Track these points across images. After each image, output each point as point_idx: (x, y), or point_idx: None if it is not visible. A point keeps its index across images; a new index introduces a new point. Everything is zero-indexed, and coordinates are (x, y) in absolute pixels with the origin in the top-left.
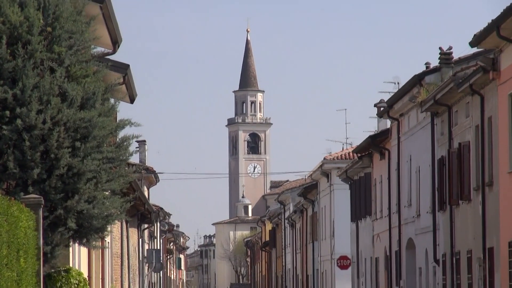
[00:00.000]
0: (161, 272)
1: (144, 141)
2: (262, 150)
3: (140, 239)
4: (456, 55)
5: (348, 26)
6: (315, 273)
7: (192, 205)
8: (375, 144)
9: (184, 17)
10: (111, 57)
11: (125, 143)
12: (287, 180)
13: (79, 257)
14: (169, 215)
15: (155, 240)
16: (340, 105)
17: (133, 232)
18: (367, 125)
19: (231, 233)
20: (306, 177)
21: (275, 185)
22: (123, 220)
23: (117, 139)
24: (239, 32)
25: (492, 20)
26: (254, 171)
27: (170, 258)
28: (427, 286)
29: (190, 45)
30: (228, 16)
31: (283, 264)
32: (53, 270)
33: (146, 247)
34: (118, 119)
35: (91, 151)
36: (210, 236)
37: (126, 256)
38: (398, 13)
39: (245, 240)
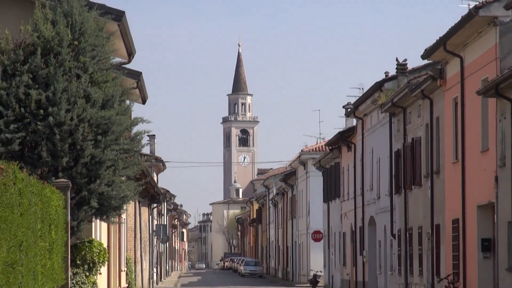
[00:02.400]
0: (167, 243)
1: (154, 135)
2: (250, 143)
3: (150, 216)
4: (410, 66)
5: (322, 40)
6: (293, 245)
7: (193, 188)
8: (343, 139)
9: (186, 34)
10: (127, 66)
11: (138, 137)
12: (271, 168)
13: (100, 230)
14: (174, 196)
15: (163, 217)
16: (315, 107)
17: (145, 210)
18: (337, 123)
19: (225, 211)
20: (287, 165)
21: (261, 172)
22: (136, 200)
23: (132, 134)
24: (232, 46)
25: (440, 37)
26: (244, 160)
27: (174, 231)
28: (385, 256)
29: (192, 57)
30: (223, 33)
31: (268, 237)
32: (78, 241)
33: (155, 222)
34: (132, 117)
35: (110, 144)
36: (207, 214)
37: (139, 230)
38: (363, 29)
39: (236, 217)
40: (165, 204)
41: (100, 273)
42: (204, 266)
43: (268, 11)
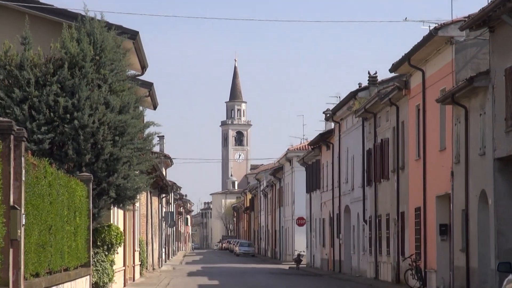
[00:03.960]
0: (174, 227)
1: (163, 136)
2: (245, 143)
3: (160, 204)
4: (379, 78)
5: (306, 56)
6: (281, 229)
7: (196, 181)
8: (323, 140)
9: (191, 50)
10: (140, 77)
11: (149, 138)
12: (262, 164)
13: (117, 216)
14: (180, 188)
15: (170, 205)
16: (299, 112)
17: (155, 200)
18: (318, 126)
19: (223, 200)
20: (275, 162)
21: (253, 167)
22: (148, 191)
23: (144, 135)
24: (229, 60)
25: (405, 53)
26: (239, 157)
27: (180, 217)
28: (358, 239)
29: (195, 70)
30: (222, 49)
31: (259, 222)
32: (99, 226)
33: (164, 210)
34: (145, 121)
35: (126, 143)
36: (208, 203)
37: (150, 216)
38: (340, 47)
39: (233, 205)
40: (172, 194)
41: (117, 253)
42: (198, 245)
43: (259, 32)
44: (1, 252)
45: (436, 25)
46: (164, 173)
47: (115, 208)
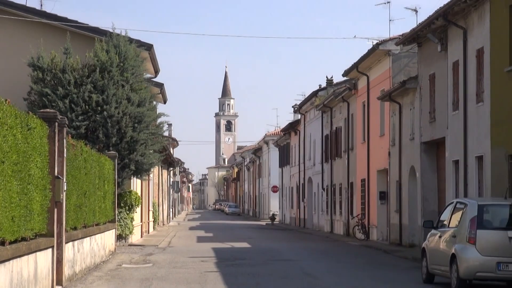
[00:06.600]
0: (179, 193)
1: (171, 124)
2: (233, 129)
3: (168, 176)
4: (335, 80)
5: (280, 63)
6: (259, 194)
7: (196, 157)
8: (292, 127)
9: (192, 59)
10: (154, 79)
11: (161, 125)
12: (246, 145)
13: (136, 184)
14: (183, 163)
15: (176, 176)
16: (274, 106)
17: (164, 172)
18: (288, 117)
19: (216, 173)
20: (256, 144)
21: (239, 148)
22: (159, 166)
23: (157, 123)
24: (221, 66)
25: (354, 62)
26: (228, 140)
27: (183, 185)
28: (318, 202)
29: (195, 73)
30: (216, 57)
31: (243, 189)
32: (122, 191)
33: (171, 180)
34: (157, 112)
35: (143, 129)
36: (205, 174)
37: (161, 185)
38: (306, 58)
39: (224, 177)
40: (178, 168)
41: (136, 212)
42: (197, 207)
43: (246, 44)
44: (48, 211)
45: (378, 41)
46: (171, 152)
47: (135, 178)
